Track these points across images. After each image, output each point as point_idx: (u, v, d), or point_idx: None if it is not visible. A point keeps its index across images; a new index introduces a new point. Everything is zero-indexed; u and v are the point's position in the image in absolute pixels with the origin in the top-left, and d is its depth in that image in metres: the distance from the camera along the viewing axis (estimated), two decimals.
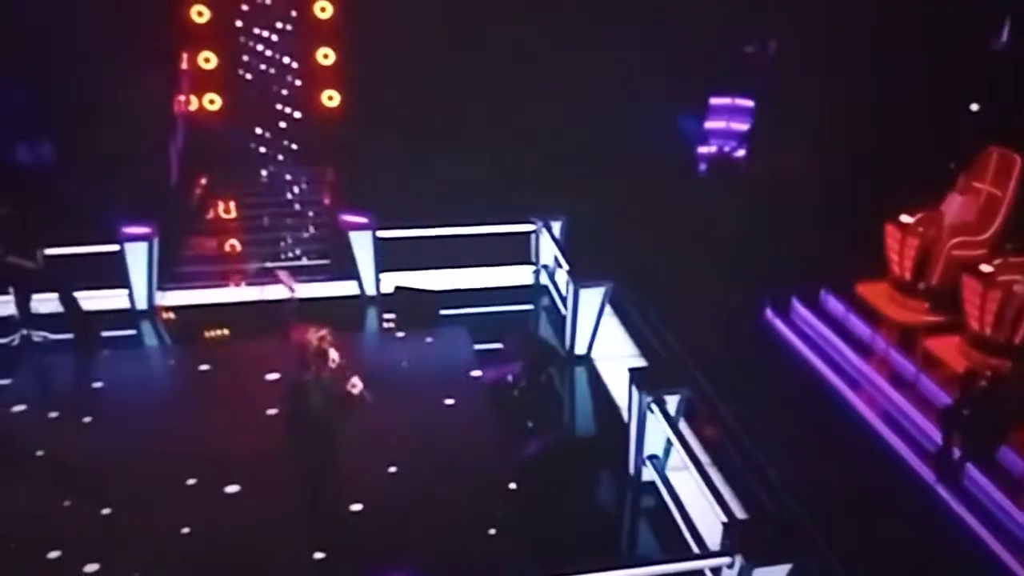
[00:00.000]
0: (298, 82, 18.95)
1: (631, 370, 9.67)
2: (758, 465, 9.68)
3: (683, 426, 9.34)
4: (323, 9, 18.44)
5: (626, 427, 9.64)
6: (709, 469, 8.83)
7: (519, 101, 16.05)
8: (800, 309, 12.80)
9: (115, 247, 12.84)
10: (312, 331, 7.97)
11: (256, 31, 18.74)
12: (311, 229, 15.11)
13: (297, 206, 16.28)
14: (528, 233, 13.48)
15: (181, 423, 10.29)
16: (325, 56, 18.60)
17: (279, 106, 18.83)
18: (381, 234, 13.13)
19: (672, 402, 9.26)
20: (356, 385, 7.93)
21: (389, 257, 13.16)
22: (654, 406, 9.24)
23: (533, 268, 13.57)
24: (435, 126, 15.71)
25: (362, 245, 13.19)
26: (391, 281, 13.19)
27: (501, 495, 9.11)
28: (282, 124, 18.98)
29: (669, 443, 9.31)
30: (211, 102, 18.51)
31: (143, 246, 12.96)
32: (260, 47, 18.76)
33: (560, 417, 10.68)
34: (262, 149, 18.54)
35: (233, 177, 17.45)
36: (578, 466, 9.62)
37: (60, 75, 15.87)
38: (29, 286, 12.14)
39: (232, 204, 16.67)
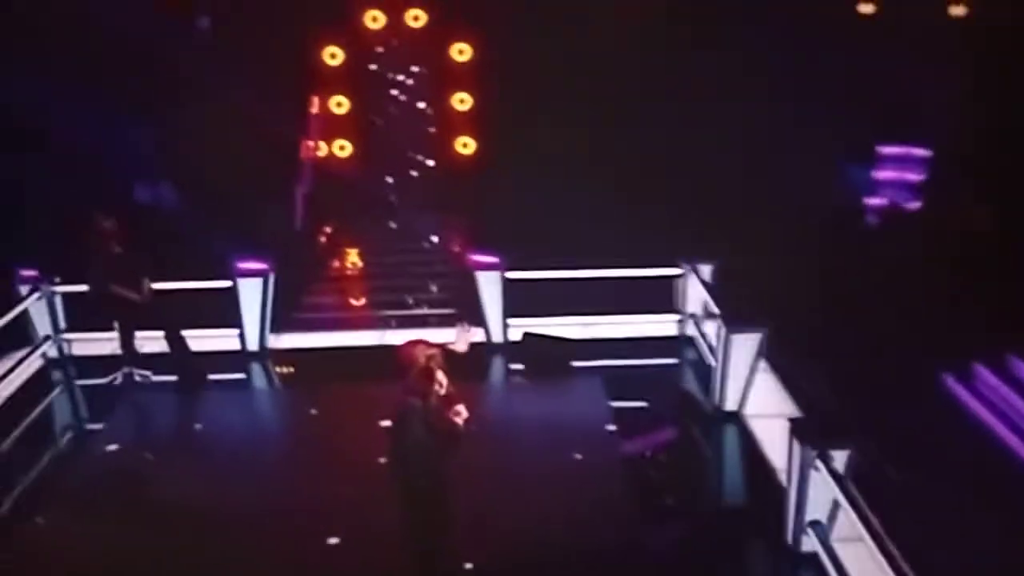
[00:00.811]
0: (432, 128, 18.57)
1: (792, 420, 8.70)
2: (941, 539, 8.44)
3: (853, 488, 8.18)
4: (461, 52, 18.04)
5: (783, 490, 8.69)
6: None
7: (669, 142, 15.60)
8: (984, 374, 11.65)
9: (228, 283, 12.68)
10: (421, 348, 7.35)
11: (390, 75, 18.53)
12: (438, 279, 14.63)
13: (425, 256, 15.58)
14: (674, 278, 12.90)
15: (283, 469, 9.97)
16: (461, 101, 18.02)
17: (411, 153, 18.15)
18: (511, 275, 12.71)
19: (840, 458, 8.18)
20: (461, 413, 7.22)
21: (519, 302, 12.74)
22: (819, 462, 8.19)
23: (678, 317, 12.92)
24: (574, 170, 15.20)
25: (490, 288, 12.81)
26: (520, 328, 12.72)
27: (637, 567, 8.37)
28: (413, 172, 18.43)
29: (836, 507, 8.21)
30: (341, 148, 17.98)
31: (257, 283, 12.74)
32: (394, 91, 18.53)
33: (706, 480, 10.13)
34: (392, 198, 18.15)
35: (360, 226, 17.04)
36: (727, 537, 8.85)
37: (185, 115, 15.87)
38: (134, 320, 11.91)
39: (357, 253, 16.38)
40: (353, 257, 16.20)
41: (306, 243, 16.50)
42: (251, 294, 12.69)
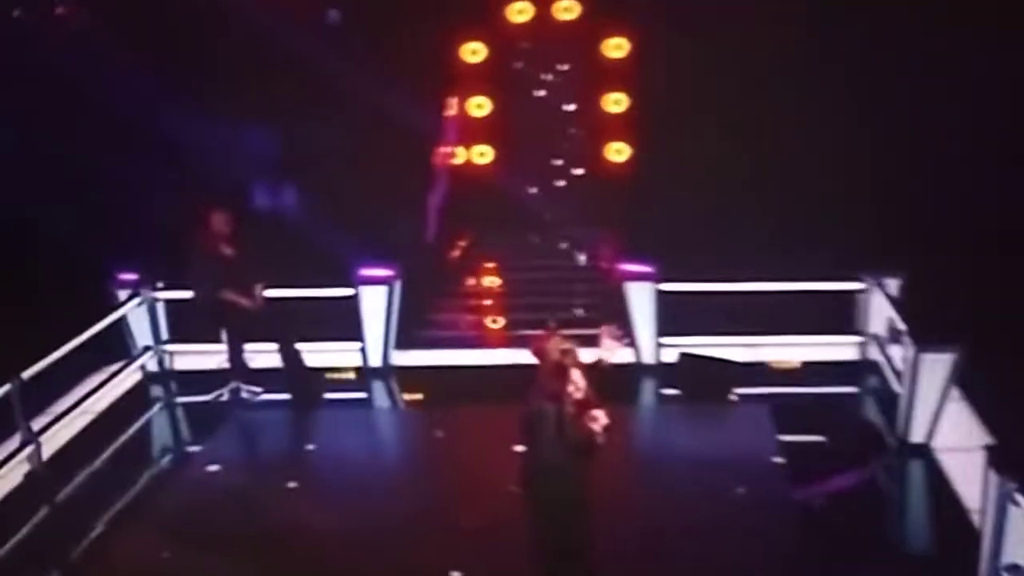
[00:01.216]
0: (582, 132, 18.29)
1: (987, 448, 8.17)
2: None
3: None
4: (618, 47, 17.66)
5: (977, 532, 8.22)
6: None
7: (839, 145, 15.20)
8: None
9: (349, 292, 12.62)
10: (555, 342, 7.12)
11: (537, 74, 18.27)
12: (583, 297, 14.39)
13: (569, 272, 15.43)
14: (854, 293, 12.50)
15: (402, 495, 9.77)
16: (616, 103, 17.69)
17: (558, 161, 17.88)
18: (665, 287, 12.44)
19: None
20: (599, 419, 6.89)
21: (673, 318, 12.50)
22: (1019, 496, 7.58)
23: (859, 339, 12.52)
24: (737, 177, 15.11)
25: (642, 301, 12.58)
26: (675, 348, 12.45)
27: None
28: (560, 182, 18.20)
29: None
30: (481, 154, 17.84)
31: (382, 291, 12.69)
32: (540, 92, 18.26)
33: (889, 522, 9.68)
34: (537, 210, 17.97)
35: (498, 239, 16.86)
36: None
37: (311, 114, 16.09)
38: (244, 330, 11.93)
39: (493, 267, 16.32)
40: (489, 272, 16.17)
41: (437, 256, 16.50)
42: (375, 304, 12.65)
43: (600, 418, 6.93)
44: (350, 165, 15.60)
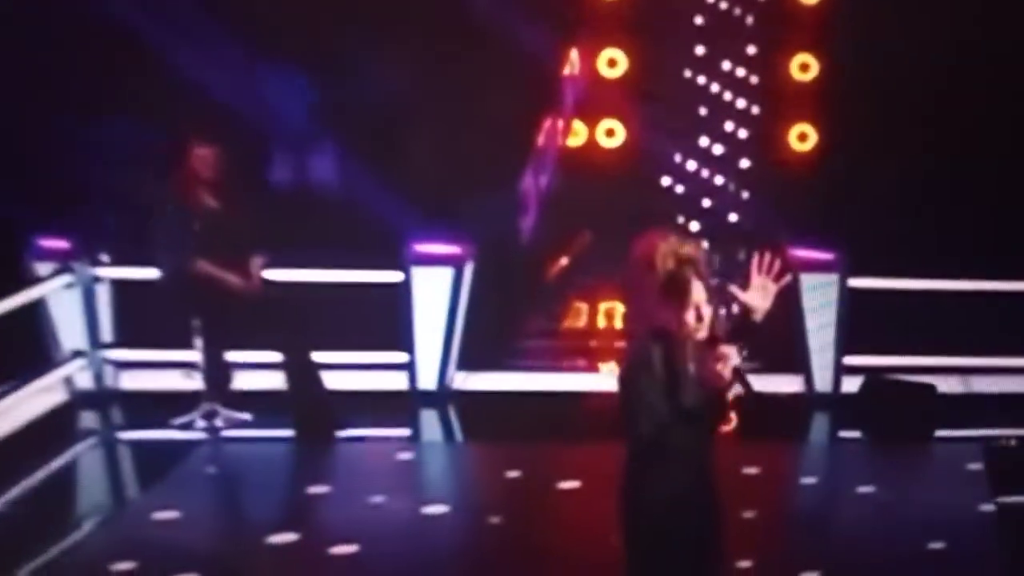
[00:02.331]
0: (754, 108, 17.43)
1: None
2: None
3: None
4: None
5: None
6: None
7: None
8: None
9: (396, 276, 12.06)
10: (670, 242, 5.96)
11: (695, 20, 17.43)
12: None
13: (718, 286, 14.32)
14: None
15: (449, 550, 9.41)
16: (803, 68, 16.71)
17: (716, 147, 16.94)
18: (857, 283, 12.08)
19: None
20: (728, 359, 5.69)
21: (860, 330, 12.10)
22: None
23: None
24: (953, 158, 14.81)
25: (819, 301, 12.07)
26: (862, 371, 12.08)
27: None
28: (718, 178, 17.55)
29: None
30: (609, 133, 16.79)
31: (445, 276, 12.05)
32: (699, 48, 17.51)
33: None
34: (679, 216, 17.14)
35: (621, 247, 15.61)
36: None
37: (360, 72, 15.58)
38: (229, 323, 11.13)
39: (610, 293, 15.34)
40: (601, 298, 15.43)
41: (533, 265, 15.89)
42: (433, 295, 12.03)
43: (731, 357, 5.75)
44: (421, 134, 15.36)
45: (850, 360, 12.16)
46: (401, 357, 12.19)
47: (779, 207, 16.35)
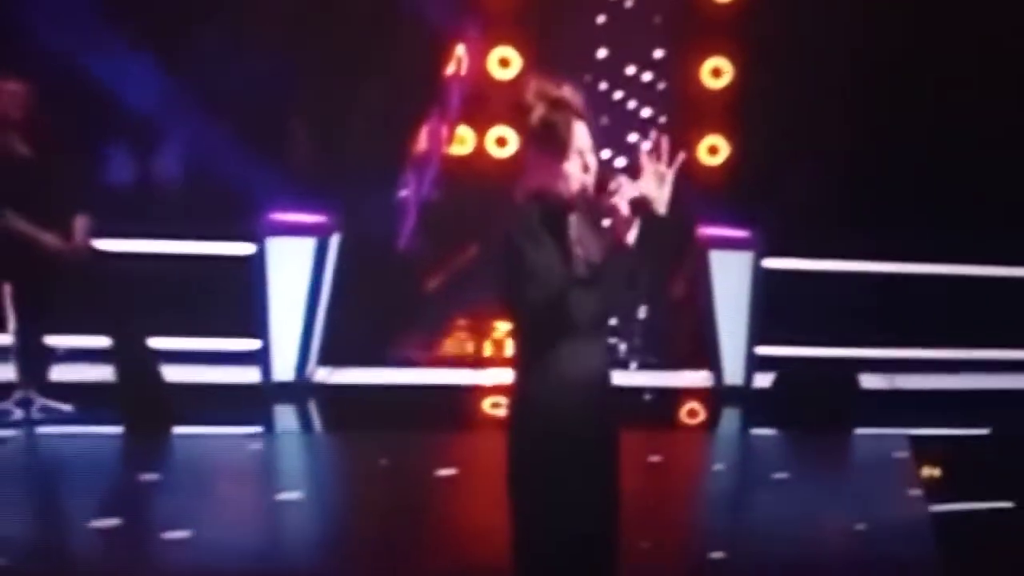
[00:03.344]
0: (661, 118, 16.80)
1: None
2: None
3: None
4: None
5: None
6: None
7: None
8: None
9: (248, 248, 11.36)
10: (540, 84, 5.49)
11: (597, 19, 16.68)
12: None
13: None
14: None
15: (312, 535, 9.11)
16: (715, 73, 16.06)
17: (619, 160, 16.24)
18: (773, 264, 11.89)
19: None
20: (621, 188, 5.29)
21: (776, 318, 11.90)
22: None
23: None
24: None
25: (731, 283, 11.87)
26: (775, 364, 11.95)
27: None
28: (617, 199, 16.21)
29: None
30: (500, 142, 15.77)
31: (305, 246, 11.38)
32: (602, 51, 16.75)
33: None
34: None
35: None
36: None
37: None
38: (47, 296, 10.47)
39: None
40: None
41: (412, 266, 15.39)
42: (292, 271, 11.35)
43: (622, 185, 5.36)
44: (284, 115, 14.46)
45: (764, 350, 12.00)
46: (252, 344, 11.53)
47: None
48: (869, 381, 11.76)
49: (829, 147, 14.94)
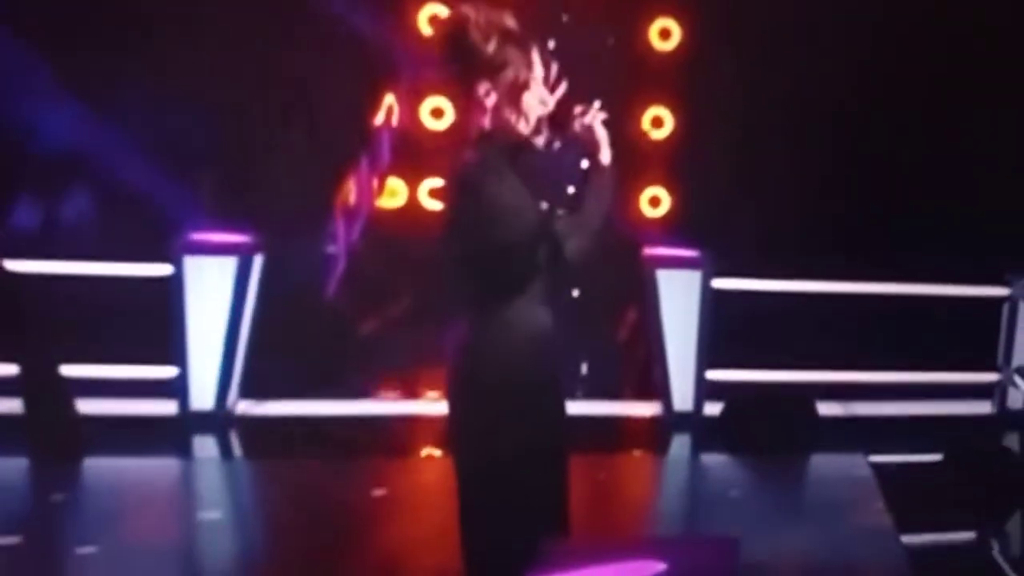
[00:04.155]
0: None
1: None
2: None
3: None
4: (665, 34, 16.46)
5: None
6: None
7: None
8: None
9: (163, 269, 10.89)
10: (484, 12, 5.45)
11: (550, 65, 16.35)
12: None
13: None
14: (995, 302, 12.44)
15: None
16: (656, 123, 16.39)
17: (558, 213, 16.07)
18: (722, 284, 11.80)
19: None
20: (588, 111, 5.55)
21: (725, 340, 11.88)
22: None
23: (995, 376, 12.42)
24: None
25: (680, 303, 11.71)
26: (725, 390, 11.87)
27: None
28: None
29: None
30: (432, 193, 15.68)
31: (226, 268, 10.91)
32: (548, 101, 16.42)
33: None
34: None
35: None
36: None
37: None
38: None
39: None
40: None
41: (340, 314, 15.16)
42: (211, 292, 10.89)
43: (592, 111, 5.53)
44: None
45: (714, 375, 11.86)
46: (169, 371, 11.03)
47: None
48: (824, 406, 11.59)
49: (777, 176, 14.95)
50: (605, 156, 5.47)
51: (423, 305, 14.93)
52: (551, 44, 15.93)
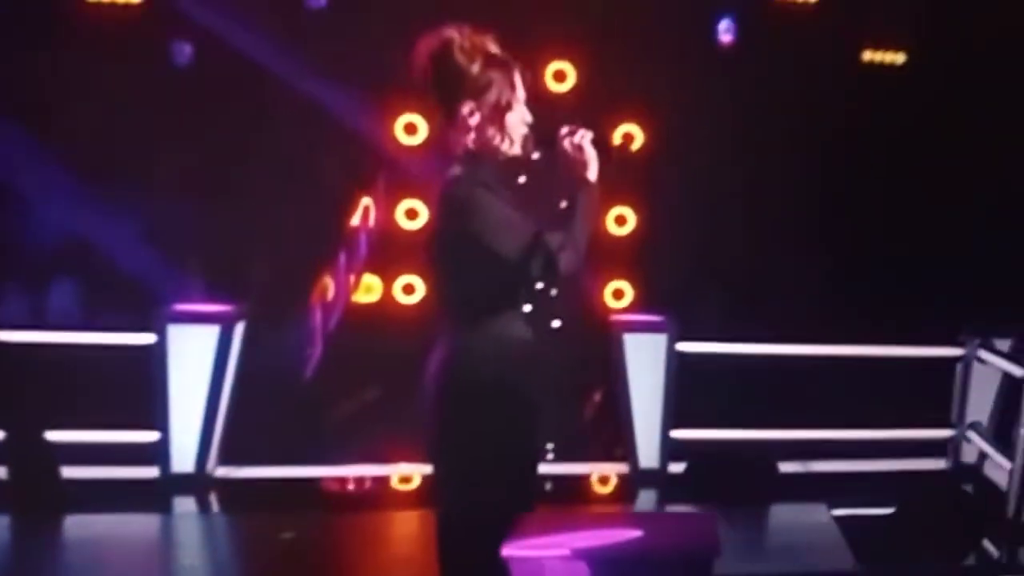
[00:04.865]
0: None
1: None
2: None
3: None
4: (627, 137, 15.66)
5: None
6: None
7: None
8: None
9: (149, 338, 10.82)
10: (467, 35, 5.54)
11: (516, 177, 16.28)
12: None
13: None
14: (949, 362, 12.34)
15: None
16: (619, 221, 16.07)
17: (525, 307, 15.85)
18: (686, 348, 11.75)
19: None
20: (578, 131, 5.68)
21: (694, 401, 11.81)
22: None
23: (952, 430, 12.31)
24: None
25: (646, 365, 11.67)
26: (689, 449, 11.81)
27: None
28: None
29: None
30: (407, 289, 15.66)
31: (207, 335, 10.88)
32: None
33: None
34: None
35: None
36: None
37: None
38: None
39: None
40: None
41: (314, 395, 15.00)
42: (193, 358, 10.85)
43: (581, 130, 5.66)
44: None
45: (679, 434, 11.76)
46: (150, 436, 10.97)
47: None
48: (785, 464, 11.58)
49: (736, 257, 15.09)
50: (592, 174, 5.57)
51: (395, 393, 15.34)
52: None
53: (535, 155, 5.64)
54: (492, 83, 5.36)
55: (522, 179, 5.68)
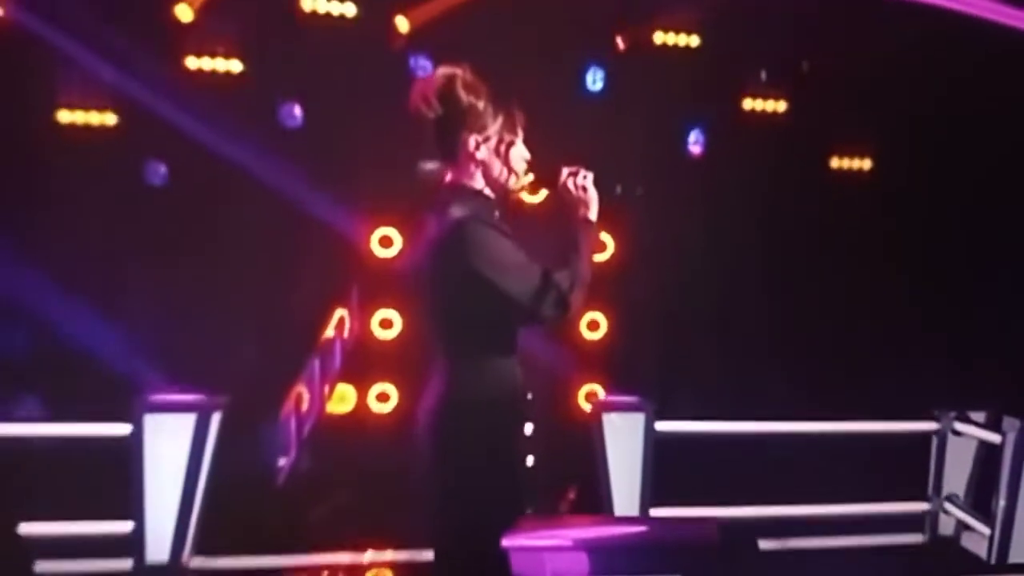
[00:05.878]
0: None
1: None
2: None
3: None
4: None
5: None
6: None
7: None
8: None
9: (123, 428, 10.59)
10: (467, 74, 5.53)
11: None
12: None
13: None
14: (924, 436, 12.31)
15: None
16: (592, 326, 16.36)
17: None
18: (664, 427, 11.64)
19: None
20: (578, 172, 5.75)
21: (665, 481, 11.73)
22: None
23: (927, 503, 12.26)
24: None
25: (625, 444, 11.56)
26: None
27: None
28: None
29: None
30: (382, 397, 15.65)
31: (184, 423, 10.63)
32: None
33: None
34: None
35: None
36: None
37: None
38: None
39: None
40: None
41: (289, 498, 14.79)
42: (169, 448, 10.61)
43: (580, 171, 5.72)
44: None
45: (658, 511, 11.53)
46: (126, 526, 10.70)
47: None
48: (764, 542, 11.44)
49: (708, 349, 15.48)
50: (593, 213, 5.57)
51: (367, 498, 14.82)
52: None
53: (539, 194, 5.83)
54: (495, 117, 5.36)
55: (520, 217, 5.52)
